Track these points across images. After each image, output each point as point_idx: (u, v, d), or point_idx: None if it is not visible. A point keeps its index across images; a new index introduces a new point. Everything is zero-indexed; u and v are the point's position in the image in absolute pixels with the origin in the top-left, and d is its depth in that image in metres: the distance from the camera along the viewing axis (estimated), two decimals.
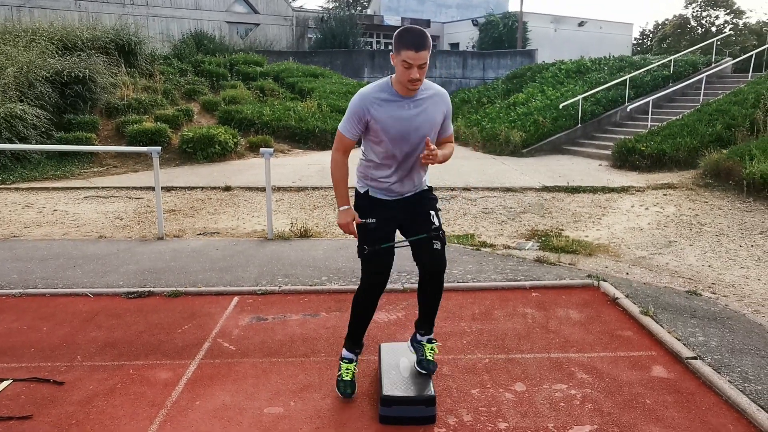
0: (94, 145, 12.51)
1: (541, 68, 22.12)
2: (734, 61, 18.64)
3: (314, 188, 9.98)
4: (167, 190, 9.74)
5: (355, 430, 2.82)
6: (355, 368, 3.15)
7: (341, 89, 18.78)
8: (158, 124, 13.46)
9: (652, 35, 41.43)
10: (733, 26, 35.41)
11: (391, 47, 2.75)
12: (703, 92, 15.44)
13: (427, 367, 3.03)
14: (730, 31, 34.00)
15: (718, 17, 36.36)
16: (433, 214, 2.95)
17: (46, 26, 15.43)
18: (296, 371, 3.41)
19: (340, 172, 2.92)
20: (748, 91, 14.09)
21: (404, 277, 4.94)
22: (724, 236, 7.09)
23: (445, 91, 2.94)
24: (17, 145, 10.97)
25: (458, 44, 33.13)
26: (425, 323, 3.15)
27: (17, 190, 9.89)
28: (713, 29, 35.43)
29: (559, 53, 27.13)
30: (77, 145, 11.86)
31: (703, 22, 36.64)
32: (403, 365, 3.12)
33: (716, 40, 20.11)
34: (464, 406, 3.03)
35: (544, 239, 6.76)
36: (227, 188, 9.95)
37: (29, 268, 5.37)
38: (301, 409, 3.01)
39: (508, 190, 10.07)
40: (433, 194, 3.06)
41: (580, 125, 15.53)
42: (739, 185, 9.30)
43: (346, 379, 3.10)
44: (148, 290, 4.71)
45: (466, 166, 12.63)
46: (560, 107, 15.96)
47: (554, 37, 32.46)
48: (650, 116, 14.68)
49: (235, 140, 13.68)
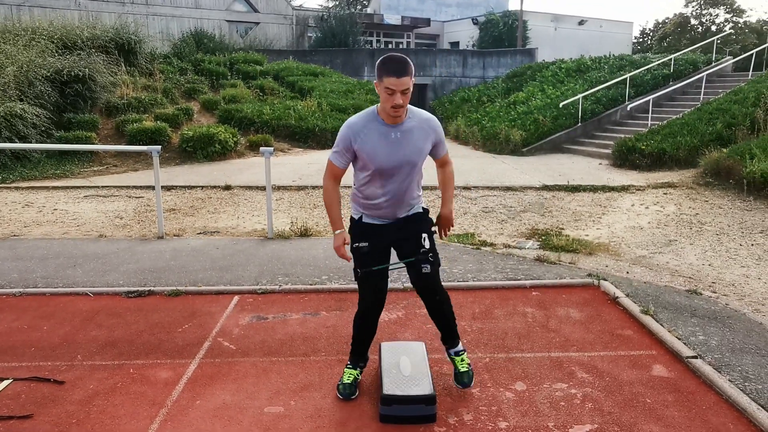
0: (94, 144, 12.51)
1: (541, 67, 22.10)
2: (734, 59, 18.63)
3: (314, 187, 9.98)
4: (167, 189, 9.74)
5: (355, 429, 2.82)
6: (358, 375, 3.18)
7: (341, 88, 18.78)
8: (158, 123, 13.45)
9: (652, 34, 41.44)
10: (733, 25, 35.41)
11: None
12: (703, 91, 15.42)
13: (461, 380, 3.10)
14: (730, 29, 34.02)
15: (718, 16, 36.40)
16: (424, 236, 2.99)
17: (45, 25, 15.41)
18: (296, 370, 3.41)
19: (330, 198, 3.00)
20: (748, 89, 14.07)
21: (404, 276, 4.93)
22: (724, 235, 7.09)
23: (433, 117, 2.97)
24: (17, 144, 10.96)
25: (458, 43, 33.08)
26: (446, 336, 3.19)
27: (17, 189, 9.89)
28: (713, 28, 35.44)
29: (559, 52, 27.11)
30: (77, 144, 11.86)
31: (703, 20, 36.65)
32: (403, 364, 3.11)
33: (716, 38, 20.08)
34: (464, 405, 3.03)
35: (544, 238, 6.76)
36: (227, 187, 9.94)
37: (29, 267, 5.37)
38: (301, 408, 3.01)
39: (508, 189, 10.06)
40: (428, 216, 3.09)
41: (580, 124, 15.52)
42: (739, 184, 9.30)
43: (346, 381, 3.12)
44: (148, 289, 4.71)
45: (466, 165, 12.63)
46: (560, 106, 15.95)
47: (554, 35, 32.42)
48: (650, 115, 14.68)
49: (235, 139, 13.68)
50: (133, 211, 8.35)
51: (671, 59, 17.67)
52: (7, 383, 3.23)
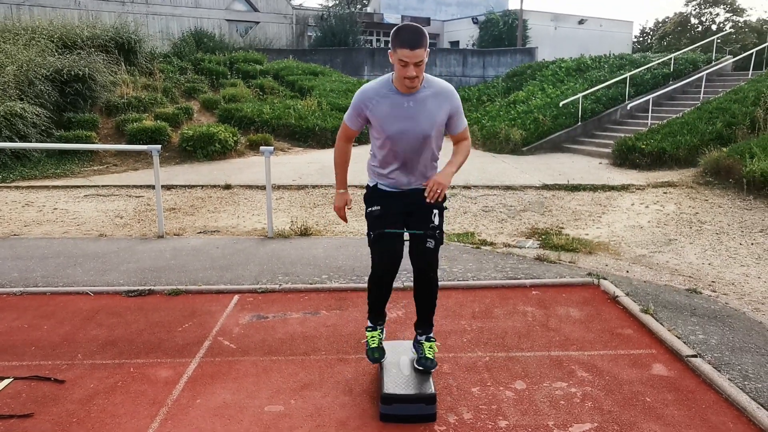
0: (94, 143, 12.49)
1: (541, 66, 22.10)
2: (734, 59, 18.61)
3: (314, 186, 9.98)
4: (167, 188, 9.74)
5: (355, 428, 2.83)
6: (380, 335, 3.17)
7: (341, 87, 18.78)
8: (158, 122, 13.45)
9: (652, 33, 41.42)
10: (733, 24, 35.39)
11: (389, 45, 2.76)
12: (703, 90, 15.42)
13: (425, 363, 3.03)
14: (730, 29, 34.00)
15: (718, 15, 36.35)
16: (435, 212, 2.96)
17: (45, 24, 15.41)
18: (297, 369, 3.41)
19: (341, 157, 3.07)
20: (748, 89, 14.06)
21: (404, 275, 4.93)
22: (724, 234, 7.09)
23: (451, 87, 2.91)
24: (17, 143, 10.95)
25: (458, 42, 33.09)
26: (422, 323, 3.17)
27: (17, 188, 9.89)
28: (713, 27, 35.41)
29: (559, 51, 27.11)
30: (77, 143, 11.85)
31: (703, 19, 36.62)
32: (403, 363, 3.12)
33: (716, 38, 20.07)
34: (464, 404, 3.03)
35: (544, 237, 6.76)
36: (227, 186, 9.94)
37: (30, 266, 5.38)
38: (301, 407, 3.01)
39: (508, 188, 10.06)
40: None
41: (580, 123, 15.52)
42: (739, 183, 9.30)
43: (372, 346, 3.12)
44: (148, 288, 4.72)
45: (466, 164, 12.61)
46: (560, 105, 15.94)
47: (554, 35, 32.43)
48: (650, 114, 14.67)
49: (235, 138, 13.67)
50: (133, 210, 8.35)
51: (671, 58, 17.66)
52: (7, 382, 3.24)
